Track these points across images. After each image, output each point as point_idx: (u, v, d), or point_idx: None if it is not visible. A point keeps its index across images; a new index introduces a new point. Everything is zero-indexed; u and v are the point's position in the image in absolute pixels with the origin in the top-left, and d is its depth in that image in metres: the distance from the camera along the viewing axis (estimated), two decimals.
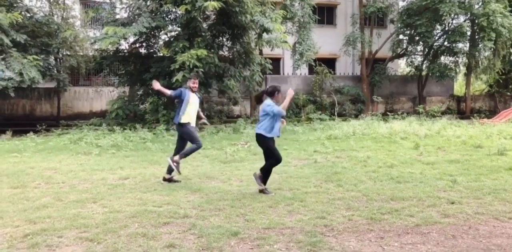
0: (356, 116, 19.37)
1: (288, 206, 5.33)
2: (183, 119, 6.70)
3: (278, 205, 5.39)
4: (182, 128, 6.72)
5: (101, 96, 19.63)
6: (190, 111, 6.74)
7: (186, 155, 6.71)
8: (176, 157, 6.62)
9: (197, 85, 6.88)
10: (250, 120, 17.13)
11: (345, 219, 4.80)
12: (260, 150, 10.46)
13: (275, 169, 7.88)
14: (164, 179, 6.79)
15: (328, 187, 6.33)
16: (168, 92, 6.73)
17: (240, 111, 20.67)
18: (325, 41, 22.66)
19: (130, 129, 13.46)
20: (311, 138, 11.89)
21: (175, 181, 6.73)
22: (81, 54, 18.25)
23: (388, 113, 18.06)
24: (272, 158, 5.91)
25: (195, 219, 4.81)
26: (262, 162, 8.67)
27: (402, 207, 5.24)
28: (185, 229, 4.52)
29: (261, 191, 5.98)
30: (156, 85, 6.64)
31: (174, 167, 6.56)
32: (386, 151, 9.76)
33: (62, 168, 8.08)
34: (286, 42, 16.23)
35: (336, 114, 19.67)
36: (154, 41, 16.51)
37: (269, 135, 5.88)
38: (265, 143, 5.90)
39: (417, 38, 20.96)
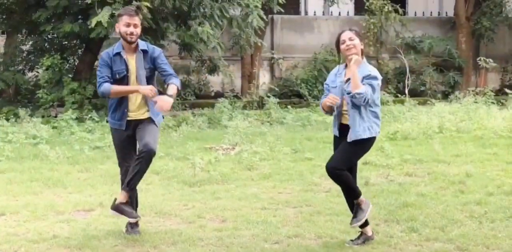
0: (446, 95, 19.20)
1: None
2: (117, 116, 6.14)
3: None
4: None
5: None
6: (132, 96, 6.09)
7: (133, 185, 6.11)
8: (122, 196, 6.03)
9: (137, 30, 6.24)
10: (241, 102, 17.05)
11: None
12: (261, 164, 10.32)
13: (285, 198, 7.88)
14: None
15: (392, 233, 6.03)
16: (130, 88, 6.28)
17: (222, 85, 20.37)
18: None
19: (8, 119, 13.41)
20: None
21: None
22: None
23: (507, 89, 18.07)
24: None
25: None
26: (262, 184, 8.70)
27: None
28: None
29: None
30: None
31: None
32: (503, 163, 9.56)
33: None
34: None
35: (407, 91, 19.59)
36: None
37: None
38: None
39: None
